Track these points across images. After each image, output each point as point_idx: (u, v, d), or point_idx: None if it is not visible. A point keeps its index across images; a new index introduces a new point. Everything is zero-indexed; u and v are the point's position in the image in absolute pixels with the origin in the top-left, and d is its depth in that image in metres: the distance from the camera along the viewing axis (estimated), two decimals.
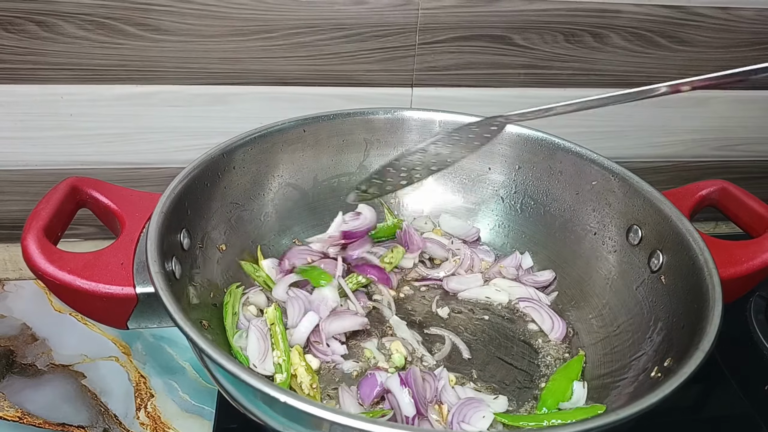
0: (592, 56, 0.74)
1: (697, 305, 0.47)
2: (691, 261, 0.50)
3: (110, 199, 0.52)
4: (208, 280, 0.55)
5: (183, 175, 0.53)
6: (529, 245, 0.68)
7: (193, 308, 0.50)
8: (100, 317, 0.48)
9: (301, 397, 0.35)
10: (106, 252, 0.47)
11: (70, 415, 0.59)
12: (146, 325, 0.47)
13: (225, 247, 0.58)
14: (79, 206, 0.53)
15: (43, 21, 0.61)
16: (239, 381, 0.36)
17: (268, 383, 0.36)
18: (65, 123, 0.68)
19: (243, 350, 0.52)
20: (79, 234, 0.75)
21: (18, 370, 0.63)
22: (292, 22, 0.66)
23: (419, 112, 0.67)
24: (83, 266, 0.45)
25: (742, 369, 0.67)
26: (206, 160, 0.55)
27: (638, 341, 0.53)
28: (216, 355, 0.37)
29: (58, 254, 0.46)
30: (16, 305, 0.71)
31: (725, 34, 0.75)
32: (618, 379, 0.51)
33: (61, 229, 0.49)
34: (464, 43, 0.70)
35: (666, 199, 0.56)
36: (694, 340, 0.42)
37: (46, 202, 0.49)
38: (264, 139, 0.61)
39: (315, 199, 0.67)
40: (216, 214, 0.58)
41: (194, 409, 0.61)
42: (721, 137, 0.84)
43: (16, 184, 0.71)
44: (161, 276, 0.43)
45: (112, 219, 0.52)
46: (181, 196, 0.51)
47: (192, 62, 0.66)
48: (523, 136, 0.66)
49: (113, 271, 0.45)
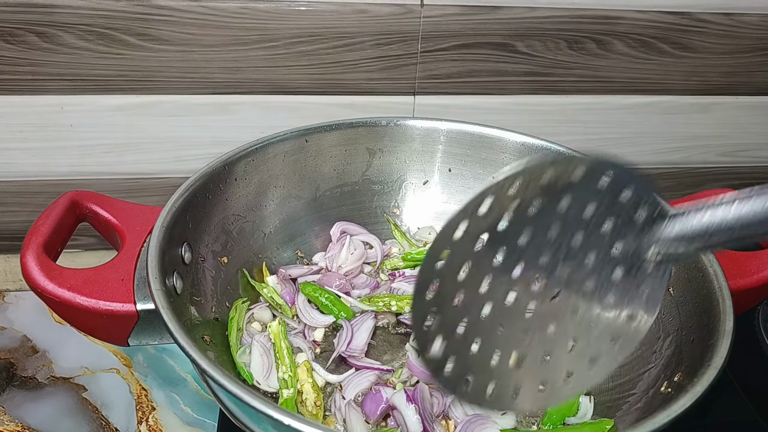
0: (595, 63, 0.73)
1: (708, 318, 0.46)
2: (700, 273, 0.49)
3: (111, 213, 0.51)
4: (209, 294, 0.54)
5: (184, 188, 0.52)
6: None
7: (194, 324, 0.49)
8: (100, 334, 0.48)
9: (306, 420, 0.34)
10: (106, 268, 0.46)
11: (71, 429, 0.58)
12: (147, 341, 0.47)
13: (227, 260, 0.58)
14: (79, 220, 0.52)
15: (44, 32, 0.61)
16: (242, 402, 0.35)
17: (271, 405, 0.35)
18: (65, 134, 0.68)
19: (246, 366, 0.51)
20: (79, 245, 0.74)
21: (18, 383, 0.62)
22: (293, 31, 0.65)
23: (422, 121, 0.67)
24: (83, 283, 0.45)
25: (750, 376, 0.66)
26: (207, 172, 0.55)
27: (647, 355, 0.52)
28: (218, 375, 0.36)
29: (57, 271, 0.45)
30: (17, 317, 0.70)
31: (729, 40, 0.74)
32: (627, 394, 0.50)
33: (61, 244, 0.49)
34: (466, 51, 0.70)
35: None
36: (705, 356, 0.42)
37: (45, 217, 0.48)
38: (266, 150, 0.60)
39: (318, 210, 0.67)
40: (218, 226, 0.57)
41: (196, 422, 0.60)
42: (726, 143, 0.84)
43: (16, 195, 0.71)
44: (162, 293, 0.42)
45: (113, 233, 0.51)
46: (183, 209, 0.51)
47: (193, 72, 0.66)
48: (526, 144, 0.65)
49: (113, 287, 0.45)
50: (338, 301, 0.59)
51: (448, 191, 0.70)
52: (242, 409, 0.40)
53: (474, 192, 0.29)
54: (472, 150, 0.67)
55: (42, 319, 0.70)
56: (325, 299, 0.59)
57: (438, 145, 0.67)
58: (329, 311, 0.58)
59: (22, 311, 0.71)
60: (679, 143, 0.83)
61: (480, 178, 0.69)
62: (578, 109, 0.77)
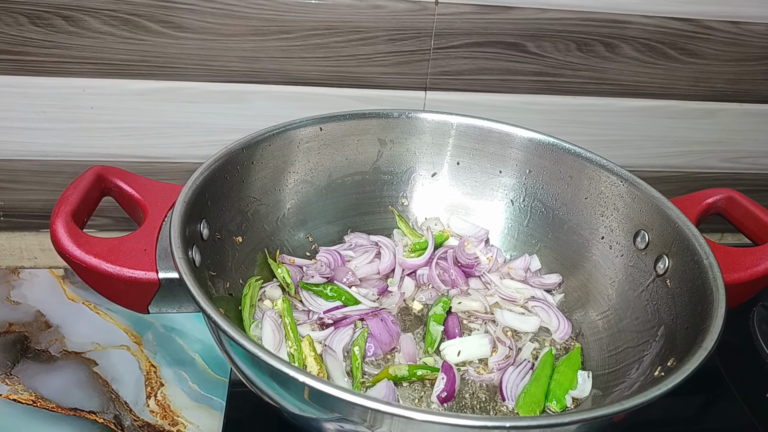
0: (602, 66, 0.75)
1: (701, 307, 0.48)
2: (696, 265, 0.51)
3: (134, 189, 0.53)
4: (224, 270, 0.56)
5: (205, 167, 0.54)
6: (537, 248, 0.69)
7: (210, 296, 0.51)
8: (122, 301, 0.49)
9: (323, 380, 0.36)
10: (130, 238, 0.48)
11: (81, 400, 0.60)
12: (167, 310, 0.49)
13: (241, 240, 0.59)
14: (104, 194, 0.54)
15: (70, 16, 0.63)
16: (259, 361, 0.37)
17: (287, 364, 0.37)
18: (86, 116, 0.70)
19: (259, 340, 0.53)
20: (95, 225, 0.76)
21: (32, 355, 0.64)
22: (310, 24, 0.67)
23: (434, 114, 0.68)
24: (108, 251, 0.46)
25: (745, 378, 0.67)
26: (227, 154, 0.57)
27: (642, 343, 0.53)
28: (237, 335, 0.38)
29: (84, 238, 0.47)
30: (31, 293, 0.72)
31: (735, 48, 0.76)
32: (621, 379, 0.52)
33: (87, 215, 0.51)
34: (478, 49, 0.71)
35: (673, 205, 0.57)
36: (697, 339, 0.43)
37: (74, 188, 0.50)
38: (282, 136, 0.62)
39: (329, 197, 0.68)
40: (234, 206, 0.59)
41: (204, 400, 0.62)
42: (729, 149, 0.85)
43: (36, 174, 0.73)
44: (185, 261, 0.44)
45: (135, 208, 0.53)
46: (203, 187, 0.53)
47: (211, 60, 0.68)
48: (534, 140, 0.67)
49: (137, 256, 0.47)
50: (343, 291, 0.61)
51: (456, 184, 0.71)
52: (256, 371, 0.42)
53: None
54: (481, 144, 0.68)
55: (55, 295, 0.72)
56: (330, 291, 0.60)
57: (448, 139, 0.69)
58: (335, 299, 0.60)
59: (36, 288, 0.73)
60: (682, 148, 0.84)
61: (488, 171, 0.70)
62: (585, 110, 0.78)
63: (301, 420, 0.42)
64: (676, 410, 0.63)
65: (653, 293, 0.56)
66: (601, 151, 0.80)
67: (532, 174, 0.68)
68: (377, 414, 0.36)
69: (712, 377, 0.67)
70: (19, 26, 0.63)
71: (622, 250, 0.62)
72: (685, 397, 0.64)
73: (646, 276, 0.58)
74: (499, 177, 0.70)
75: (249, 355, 0.37)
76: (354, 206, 0.65)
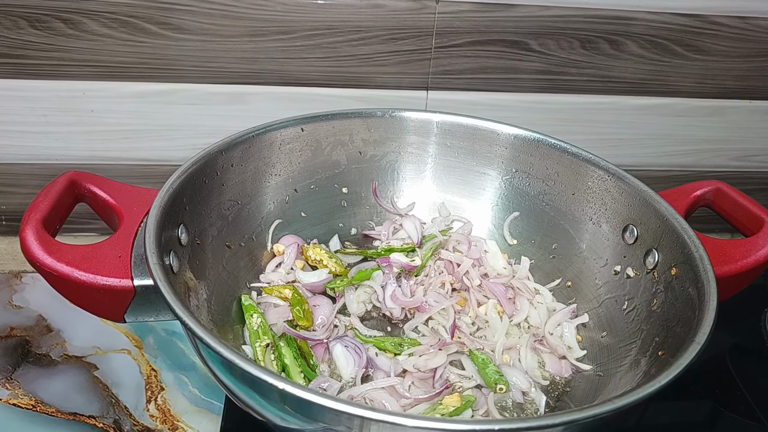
0: (607, 63, 0.74)
1: (692, 301, 0.47)
2: (686, 258, 0.50)
3: (108, 194, 0.52)
4: (205, 276, 0.54)
5: (181, 171, 0.52)
6: (524, 244, 0.68)
7: (188, 305, 0.49)
8: (97, 310, 0.47)
9: (298, 384, 0.35)
10: (104, 245, 0.46)
11: (81, 405, 0.59)
12: (143, 318, 0.47)
13: (223, 244, 0.58)
14: (78, 200, 0.52)
15: (69, 18, 0.63)
16: (233, 367, 0.36)
17: (264, 369, 0.35)
18: (86, 119, 0.70)
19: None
20: (94, 229, 0.76)
21: (33, 359, 0.64)
22: (309, 24, 0.67)
23: (417, 113, 0.67)
24: (81, 258, 0.45)
25: (756, 379, 0.66)
26: (204, 156, 0.55)
27: (633, 337, 0.53)
28: (212, 341, 0.37)
29: (56, 246, 0.45)
30: (33, 297, 0.72)
31: (743, 44, 0.74)
32: (611, 373, 0.51)
33: (60, 222, 0.49)
34: (480, 48, 0.70)
35: (661, 198, 0.56)
36: (689, 334, 0.43)
37: (44, 195, 0.48)
38: (263, 137, 0.61)
39: (312, 198, 0.67)
40: (214, 210, 0.57)
41: (204, 404, 0.61)
42: (738, 147, 0.84)
43: (37, 177, 0.73)
44: (160, 267, 0.43)
45: (110, 213, 0.52)
46: (179, 191, 0.51)
47: (211, 61, 0.67)
48: (520, 137, 0.66)
49: (111, 263, 0.45)
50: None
51: (442, 183, 0.70)
52: (231, 377, 0.41)
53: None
54: (465, 142, 0.67)
55: (57, 300, 0.70)
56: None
57: (431, 137, 0.68)
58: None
59: (38, 292, 0.73)
60: (690, 146, 0.83)
61: (473, 170, 0.69)
62: (590, 108, 0.77)
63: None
64: (688, 414, 0.62)
65: (643, 288, 0.55)
66: (606, 150, 0.80)
67: (518, 171, 0.67)
68: (363, 420, 0.34)
69: (723, 380, 0.65)
70: (19, 29, 0.63)
71: (611, 245, 0.61)
72: (696, 401, 0.63)
73: (636, 271, 0.57)
74: (485, 174, 0.68)
75: (224, 361, 0.36)
76: (338, 207, 0.64)
